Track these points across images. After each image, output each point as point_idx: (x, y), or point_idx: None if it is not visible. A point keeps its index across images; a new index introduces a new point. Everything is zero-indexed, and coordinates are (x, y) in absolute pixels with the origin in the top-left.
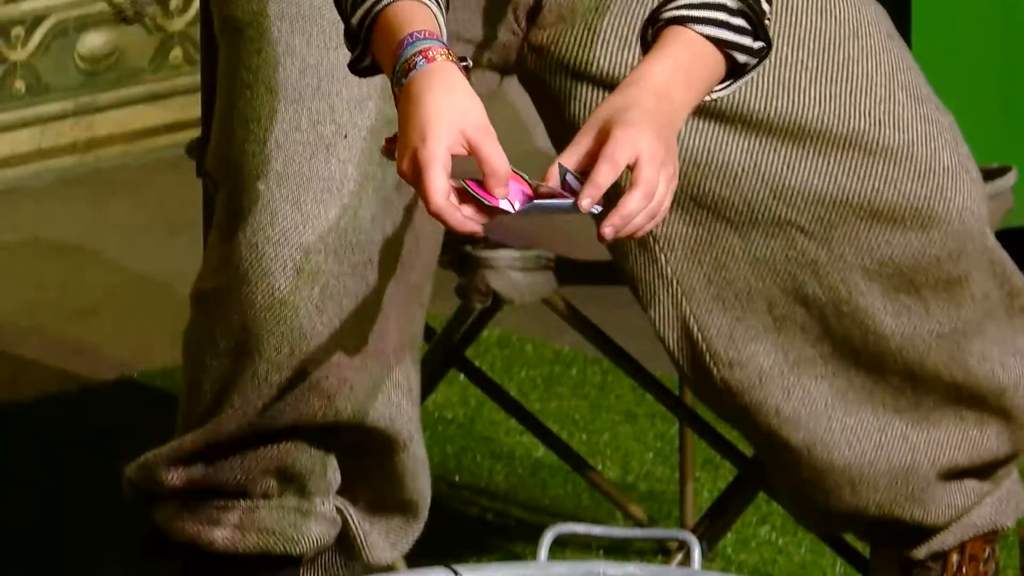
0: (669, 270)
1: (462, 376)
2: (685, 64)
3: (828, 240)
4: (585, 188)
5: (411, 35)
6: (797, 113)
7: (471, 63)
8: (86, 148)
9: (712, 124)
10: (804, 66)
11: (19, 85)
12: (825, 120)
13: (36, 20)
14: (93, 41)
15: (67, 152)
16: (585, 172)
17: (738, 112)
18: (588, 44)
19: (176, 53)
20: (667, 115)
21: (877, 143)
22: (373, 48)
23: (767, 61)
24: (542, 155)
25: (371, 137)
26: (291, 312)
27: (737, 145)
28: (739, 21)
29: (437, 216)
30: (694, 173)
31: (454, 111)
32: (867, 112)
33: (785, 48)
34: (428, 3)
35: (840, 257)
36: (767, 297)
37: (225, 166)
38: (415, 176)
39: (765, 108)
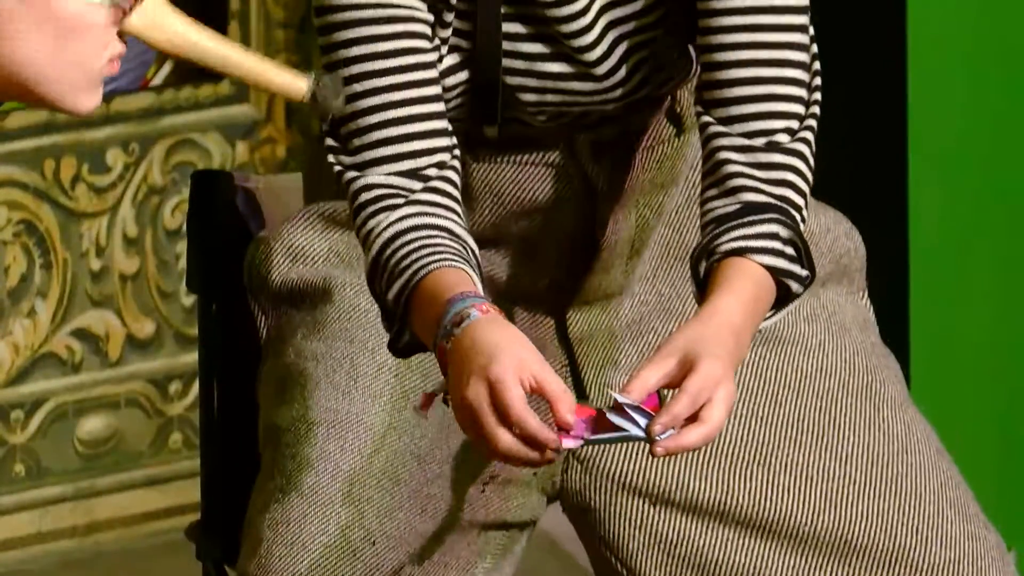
0: None
1: None
2: (752, 299)
3: None
4: (662, 416)
5: (462, 293)
6: (844, 528)
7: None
8: (86, 532)
9: (758, 540)
10: (851, 480)
11: (18, 468)
12: (872, 536)
13: (35, 404)
14: (92, 425)
15: (67, 536)
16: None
17: (784, 527)
18: (633, 455)
19: (175, 437)
20: (740, 355)
21: (924, 560)
22: (412, 319)
23: (815, 475)
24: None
25: (399, 547)
26: None
27: (783, 562)
28: (791, 250)
29: (517, 425)
30: None
31: (516, 344)
32: (914, 528)
33: (832, 462)
34: (466, 268)
35: None
36: None
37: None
38: (494, 391)
39: (812, 522)
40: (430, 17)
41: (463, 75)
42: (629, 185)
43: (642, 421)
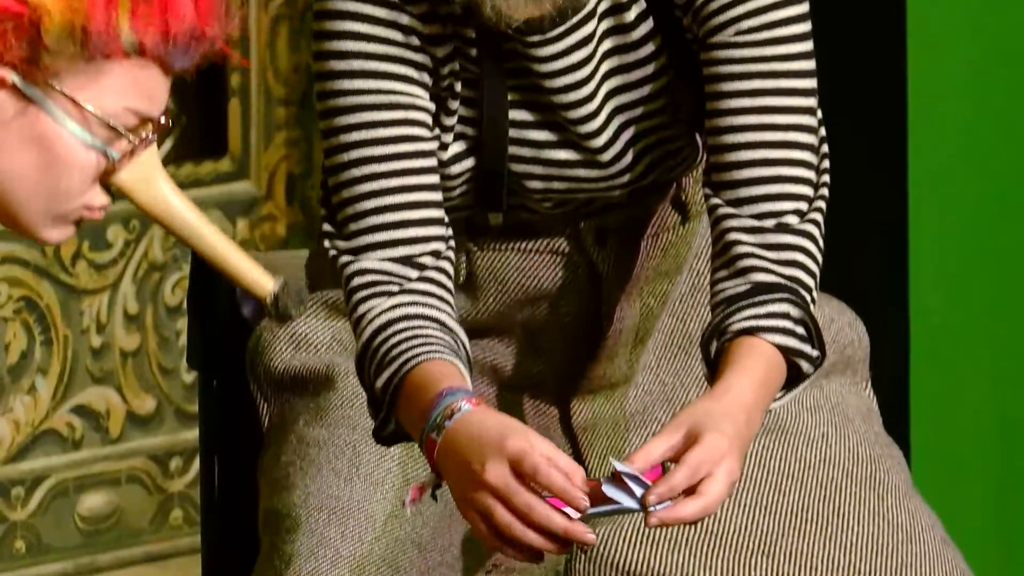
0: None
1: None
2: (764, 378)
3: None
4: (659, 486)
5: (450, 388)
6: None
7: None
8: None
9: None
10: (856, 570)
11: (19, 545)
12: None
13: (36, 480)
14: (93, 501)
15: None
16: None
17: None
18: (637, 544)
19: (176, 514)
20: (750, 435)
21: None
22: (398, 409)
23: (819, 564)
24: None
25: None
26: None
27: None
28: (801, 330)
29: (547, 485)
30: None
31: (519, 424)
32: None
33: (837, 552)
34: (455, 361)
35: None
36: None
37: None
38: (518, 463)
39: None
40: (431, 106)
41: (469, 162)
42: (634, 273)
43: (639, 491)
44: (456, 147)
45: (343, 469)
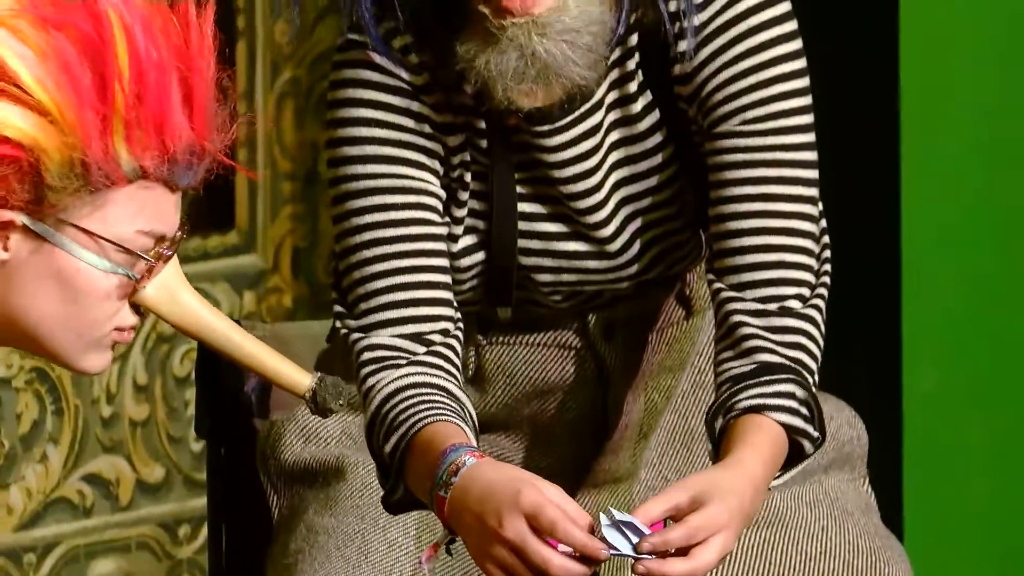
0: None
1: None
2: (770, 455)
3: None
4: (654, 536)
5: (453, 445)
6: None
7: None
8: None
9: None
10: None
11: None
12: None
13: (47, 547)
14: (103, 568)
15: None
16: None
17: None
18: None
19: None
20: (751, 513)
21: None
22: (407, 473)
23: None
24: None
25: None
26: None
27: None
28: (805, 410)
29: (567, 539)
30: None
31: (527, 474)
32: None
33: None
34: (461, 424)
35: None
36: None
37: None
38: (534, 517)
39: None
40: (443, 193)
41: (479, 256)
42: (641, 367)
43: (635, 539)
44: (466, 240)
45: (352, 556)
